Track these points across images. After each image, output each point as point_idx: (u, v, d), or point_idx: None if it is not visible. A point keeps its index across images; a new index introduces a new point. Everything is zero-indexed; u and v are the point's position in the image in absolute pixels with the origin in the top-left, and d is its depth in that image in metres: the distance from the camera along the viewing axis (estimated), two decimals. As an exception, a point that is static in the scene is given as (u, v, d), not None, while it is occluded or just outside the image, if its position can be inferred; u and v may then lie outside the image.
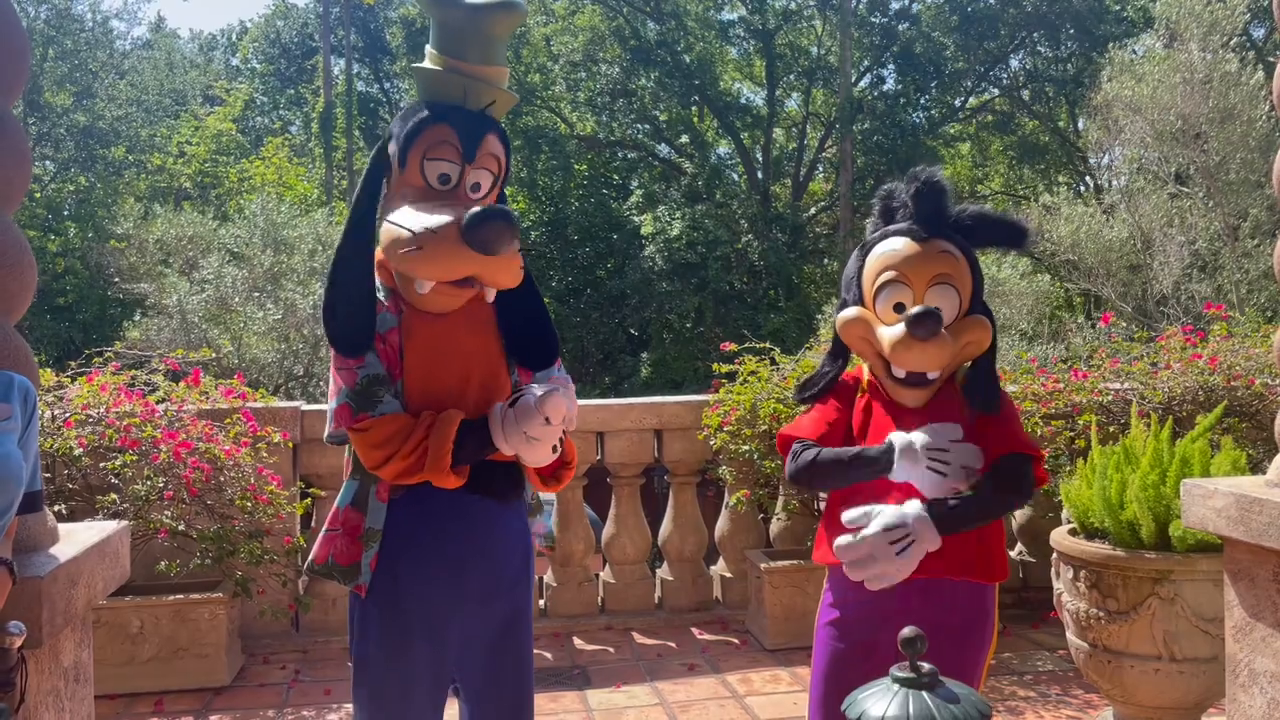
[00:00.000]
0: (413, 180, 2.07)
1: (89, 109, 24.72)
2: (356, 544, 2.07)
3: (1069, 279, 15.94)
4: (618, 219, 23.39)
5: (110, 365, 4.60)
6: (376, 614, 2.09)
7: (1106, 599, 3.30)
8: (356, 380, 2.00)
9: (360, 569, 2.06)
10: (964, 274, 2.22)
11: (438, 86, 2.11)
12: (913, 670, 1.20)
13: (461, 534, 2.11)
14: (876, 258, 2.25)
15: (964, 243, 2.25)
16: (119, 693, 4.17)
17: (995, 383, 2.22)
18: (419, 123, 2.06)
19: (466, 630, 2.15)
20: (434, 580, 2.10)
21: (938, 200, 2.24)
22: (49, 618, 1.88)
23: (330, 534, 2.11)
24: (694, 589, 5.26)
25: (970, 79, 26.39)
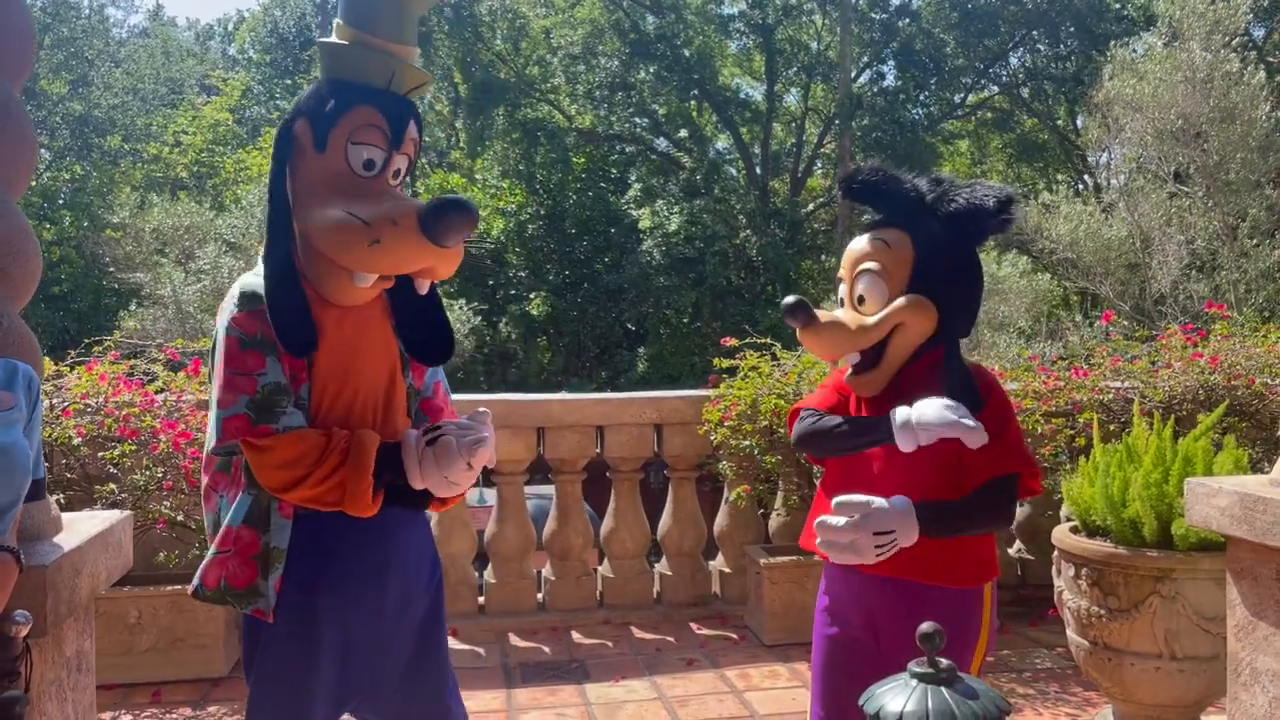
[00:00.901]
0: (334, 164, 1.91)
1: (85, 97, 24.64)
2: (250, 564, 1.90)
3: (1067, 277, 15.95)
4: (616, 213, 23.36)
5: (109, 355, 4.58)
6: (283, 636, 1.95)
7: (1108, 597, 3.30)
8: (257, 388, 1.83)
9: (258, 591, 1.90)
10: (895, 260, 2.14)
11: (359, 65, 1.94)
12: (931, 665, 1.19)
13: (378, 545, 2.01)
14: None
15: (929, 228, 2.15)
16: (117, 683, 4.16)
17: (969, 381, 2.10)
18: (342, 103, 1.91)
19: (379, 648, 2.05)
20: (355, 596, 1.99)
21: (875, 192, 2.20)
22: (53, 607, 1.87)
23: (221, 556, 1.91)
24: (693, 584, 5.26)
25: (970, 76, 26.38)
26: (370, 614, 2.01)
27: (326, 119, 1.91)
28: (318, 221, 1.87)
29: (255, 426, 1.83)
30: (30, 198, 22.45)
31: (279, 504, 1.91)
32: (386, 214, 1.82)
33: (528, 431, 5.07)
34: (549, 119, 25.07)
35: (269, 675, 1.98)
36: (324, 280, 1.91)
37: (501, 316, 22.80)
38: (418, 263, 1.88)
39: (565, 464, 5.16)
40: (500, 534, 5.08)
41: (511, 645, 4.81)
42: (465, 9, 24.95)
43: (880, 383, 2.18)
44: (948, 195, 2.15)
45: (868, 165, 2.26)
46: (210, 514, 2.00)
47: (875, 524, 1.99)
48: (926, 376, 2.13)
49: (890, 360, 2.15)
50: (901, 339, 2.14)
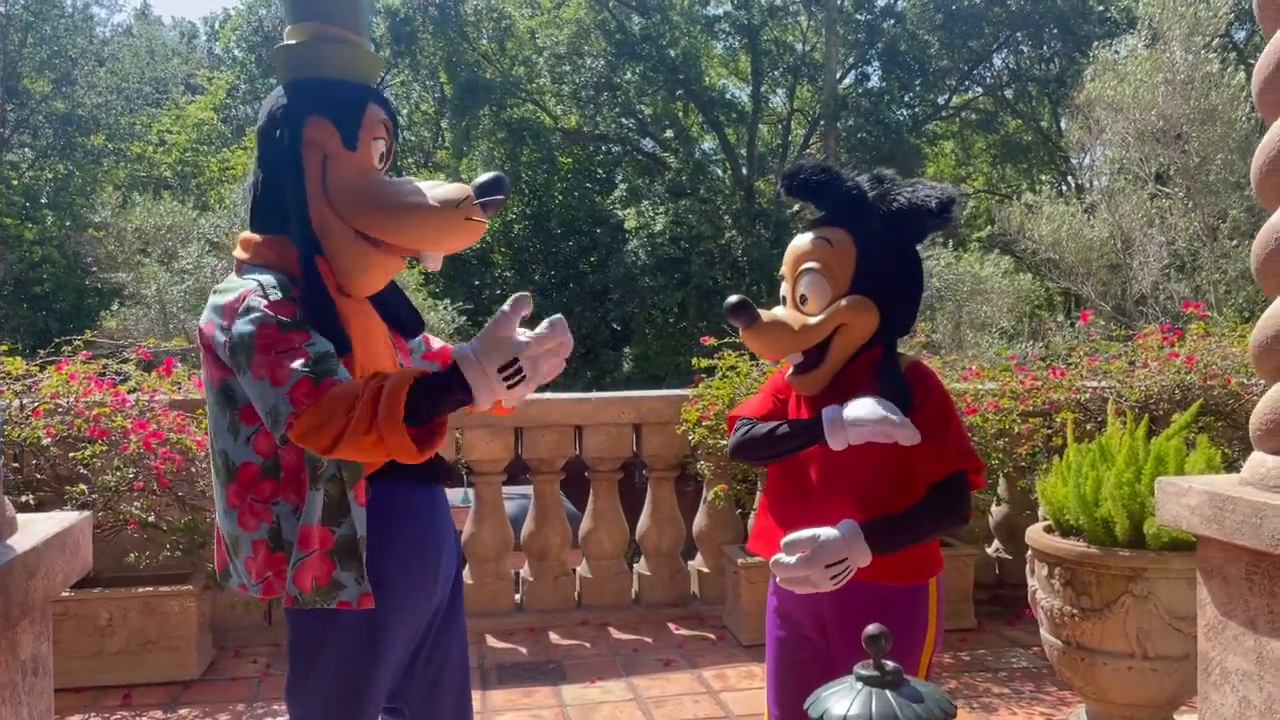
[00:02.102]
0: (366, 161, 1.96)
1: (68, 96, 24.50)
2: (326, 560, 1.87)
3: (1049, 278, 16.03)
4: (601, 213, 23.35)
5: (81, 354, 4.54)
6: (346, 633, 1.92)
7: (1080, 596, 3.30)
8: (309, 357, 1.77)
9: (339, 584, 1.87)
10: (837, 259, 2.12)
11: (352, 63, 1.99)
12: (876, 668, 1.17)
13: (433, 525, 2.04)
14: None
15: (871, 226, 2.14)
16: (87, 685, 4.12)
17: (902, 380, 2.09)
18: (361, 101, 1.96)
19: (423, 627, 2.06)
20: (417, 582, 2.01)
21: (817, 189, 2.19)
22: (4, 610, 1.84)
23: (311, 557, 1.86)
24: (671, 584, 5.24)
25: (954, 77, 26.49)
26: (425, 598, 2.03)
27: (353, 118, 1.94)
28: (402, 210, 1.90)
29: (319, 385, 1.74)
30: (12, 197, 22.33)
31: (354, 492, 1.88)
32: (460, 194, 1.92)
33: (506, 431, 5.05)
34: (534, 119, 25.04)
35: (331, 674, 1.94)
36: (371, 271, 1.95)
37: (487, 317, 22.73)
38: (475, 238, 1.99)
39: (543, 464, 5.14)
40: (477, 534, 5.06)
41: (488, 646, 4.78)
42: (451, 9, 24.90)
43: (821, 382, 2.17)
44: (889, 194, 2.14)
45: (810, 162, 2.24)
46: (263, 525, 1.90)
47: (826, 557, 1.99)
48: (866, 375, 2.13)
49: (832, 360, 2.15)
50: (844, 339, 2.13)
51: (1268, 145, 2.37)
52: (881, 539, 2.03)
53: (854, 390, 2.10)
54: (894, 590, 2.12)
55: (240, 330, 1.80)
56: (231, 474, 1.91)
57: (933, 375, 2.18)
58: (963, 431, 2.13)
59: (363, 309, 2.02)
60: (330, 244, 1.92)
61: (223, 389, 1.90)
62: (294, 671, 1.99)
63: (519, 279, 23.02)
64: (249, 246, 1.97)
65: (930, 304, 14.00)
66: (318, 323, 1.85)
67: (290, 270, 1.91)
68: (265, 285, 1.85)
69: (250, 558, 1.92)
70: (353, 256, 1.94)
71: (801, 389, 2.22)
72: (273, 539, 1.90)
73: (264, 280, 1.87)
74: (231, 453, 1.90)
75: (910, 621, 2.13)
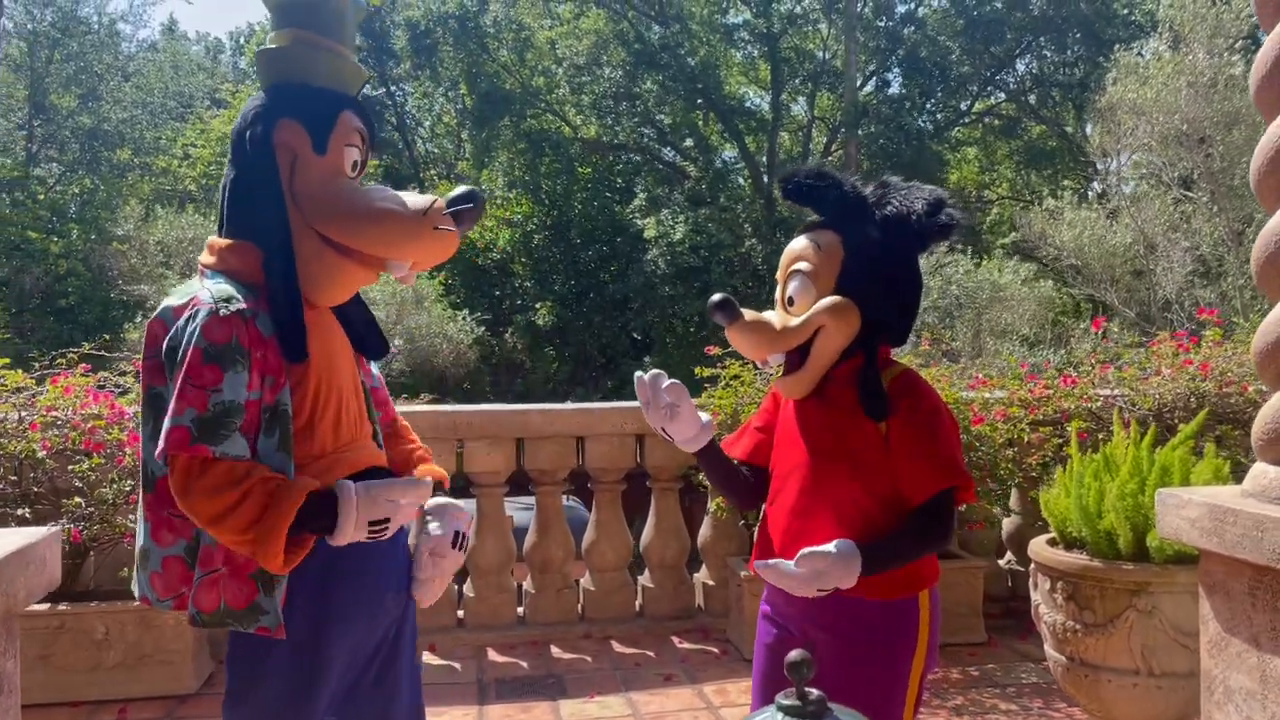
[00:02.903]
0: (335, 165, 1.92)
1: (94, 111, 24.79)
2: (248, 582, 1.82)
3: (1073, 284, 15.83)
4: (621, 222, 23.32)
5: (79, 366, 4.53)
6: (287, 656, 1.88)
7: (1083, 611, 3.21)
8: (207, 404, 1.72)
9: (260, 609, 1.81)
10: (824, 262, 2.12)
11: (331, 70, 1.97)
12: (799, 698, 1.11)
13: (384, 554, 1.99)
14: None
15: (863, 231, 2.13)
16: (83, 700, 4.10)
17: (876, 390, 2.07)
18: (333, 107, 1.94)
19: (366, 653, 2.01)
20: (367, 610, 1.97)
21: (813, 194, 2.18)
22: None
23: (212, 576, 1.82)
24: (675, 596, 5.17)
25: (976, 83, 26.28)
26: (371, 629, 1.99)
27: (325, 122, 1.92)
28: (365, 218, 1.88)
29: (191, 445, 1.72)
30: (39, 211, 22.59)
31: None
32: (427, 203, 1.90)
33: (507, 442, 5.00)
34: (554, 129, 25.08)
35: (271, 696, 1.90)
36: (337, 279, 1.92)
37: (508, 327, 22.77)
38: (448, 250, 1.97)
39: (545, 475, 5.09)
40: (479, 547, 5.01)
41: (489, 660, 4.73)
42: (470, 21, 25.00)
43: (806, 385, 2.15)
44: (884, 199, 2.13)
45: (807, 167, 2.23)
46: (181, 542, 1.86)
47: (823, 582, 1.95)
48: (849, 380, 2.11)
49: (813, 363, 2.12)
50: (824, 342, 2.11)
51: (1265, 146, 2.29)
52: (874, 564, 1.99)
53: (837, 396, 2.12)
54: (884, 604, 2.08)
55: (176, 340, 1.79)
56: (151, 485, 1.87)
57: (923, 384, 2.13)
58: (953, 446, 2.08)
59: (325, 319, 1.98)
60: (296, 249, 1.89)
61: (152, 396, 1.86)
62: (232, 689, 1.95)
63: (539, 289, 23.02)
64: (214, 251, 1.93)
65: (949, 311, 13.84)
66: (280, 327, 1.82)
67: (253, 278, 1.87)
68: (218, 297, 1.80)
69: (158, 573, 1.87)
70: (317, 263, 1.90)
71: (787, 392, 2.22)
72: (189, 555, 1.86)
73: (218, 290, 1.82)
74: (152, 464, 1.87)
75: (897, 635, 2.09)
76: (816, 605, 2.06)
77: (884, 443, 2.06)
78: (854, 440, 2.07)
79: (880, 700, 2.03)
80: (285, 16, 2.00)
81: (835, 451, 2.08)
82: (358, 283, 2.00)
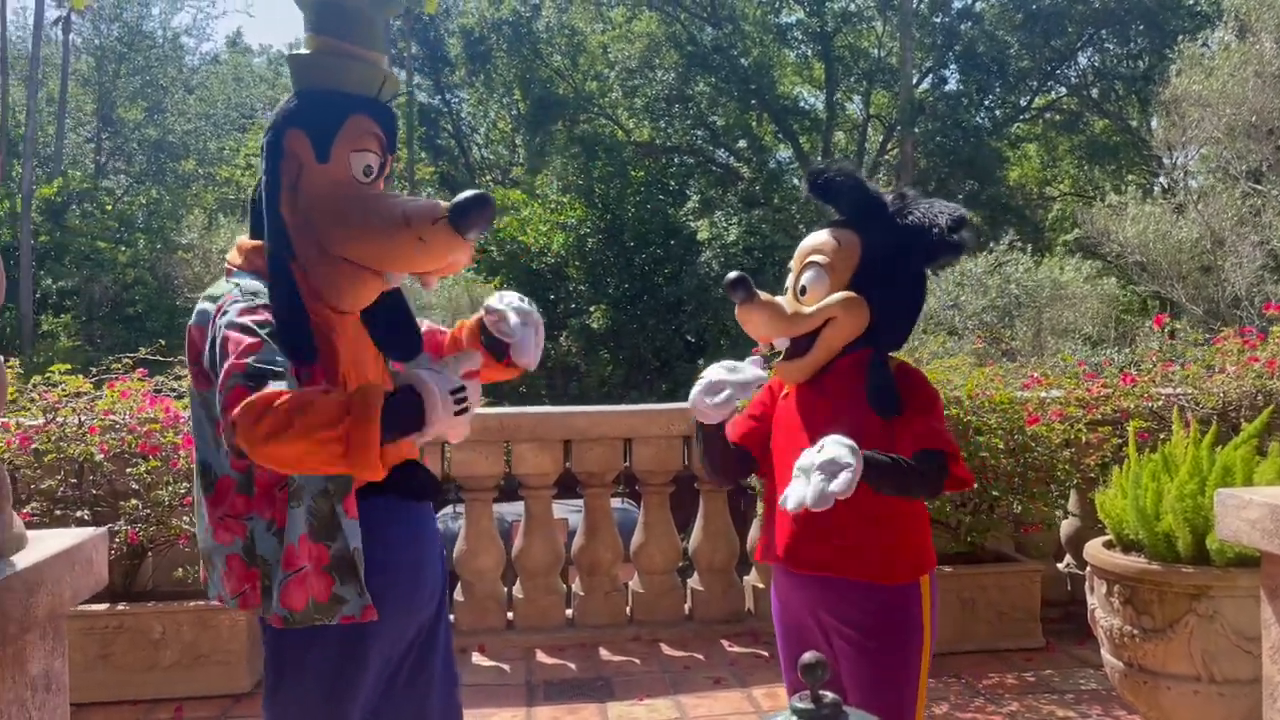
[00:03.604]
0: (338, 173, 1.91)
1: (160, 123, 25.45)
2: (324, 575, 1.83)
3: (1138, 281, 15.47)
4: (674, 225, 23.29)
5: (137, 371, 4.63)
6: (326, 649, 1.89)
7: (1141, 616, 3.11)
8: (248, 364, 1.67)
9: (340, 599, 1.83)
10: (842, 259, 2.21)
11: (347, 74, 1.96)
12: (813, 701, 1.08)
13: (418, 541, 2.01)
14: None
15: (882, 236, 2.22)
16: (141, 698, 4.18)
17: (888, 384, 2.15)
18: (340, 112, 1.92)
19: (405, 645, 2.03)
20: (404, 595, 1.98)
21: (839, 193, 2.26)
22: (1, 626, 1.84)
23: (298, 575, 1.82)
24: (724, 600, 5.13)
25: (1036, 78, 25.86)
26: (408, 615, 2.00)
27: (328, 130, 1.91)
28: (350, 227, 1.86)
29: (255, 391, 1.64)
30: (107, 221, 23.22)
31: (342, 505, 1.84)
32: (421, 213, 1.84)
33: (555, 445, 5.01)
34: (607, 133, 25.16)
35: (310, 689, 1.90)
36: (341, 286, 1.89)
37: (562, 330, 22.86)
38: (449, 257, 1.89)
39: (593, 477, 5.08)
40: (527, 549, 5.02)
41: (537, 662, 4.74)
42: (524, 26, 25.20)
43: (807, 371, 2.24)
44: (905, 209, 2.23)
45: (837, 166, 2.30)
46: (237, 540, 1.87)
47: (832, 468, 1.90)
48: (851, 374, 2.21)
49: (819, 351, 2.21)
50: (832, 333, 2.20)
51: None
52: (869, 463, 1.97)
53: (837, 386, 2.21)
54: (886, 588, 2.16)
55: (214, 334, 1.79)
56: (210, 487, 1.90)
57: (919, 375, 2.25)
58: (942, 424, 2.18)
59: (350, 327, 1.98)
60: (303, 256, 1.90)
61: (204, 399, 1.88)
62: (272, 682, 1.96)
63: (593, 292, 23.09)
64: (242, 251, 1.97)
65: (1009, 310, 13.60)
66: (283, 328, 1.78)
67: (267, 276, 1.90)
68: (247, 291, 1.83)
69: (226, 572, 1.90)
70: (323, 270, 1.90)
71: (787, 377, 2.30)
72: (246, 554, 1.87)
73: (248, 285, 1.86)
74: (214, 465, 1.89)
75: (901, 619, 2.17)
76: (824, 590, 2.16)
77: (884, 433, 2.14)
78: (856, 430, 2.08)
79: (895, 699, 2.11)
80: (312, 21, 2.02)
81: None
82: (366, 288, 1.93)
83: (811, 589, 2.20)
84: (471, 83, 27.84)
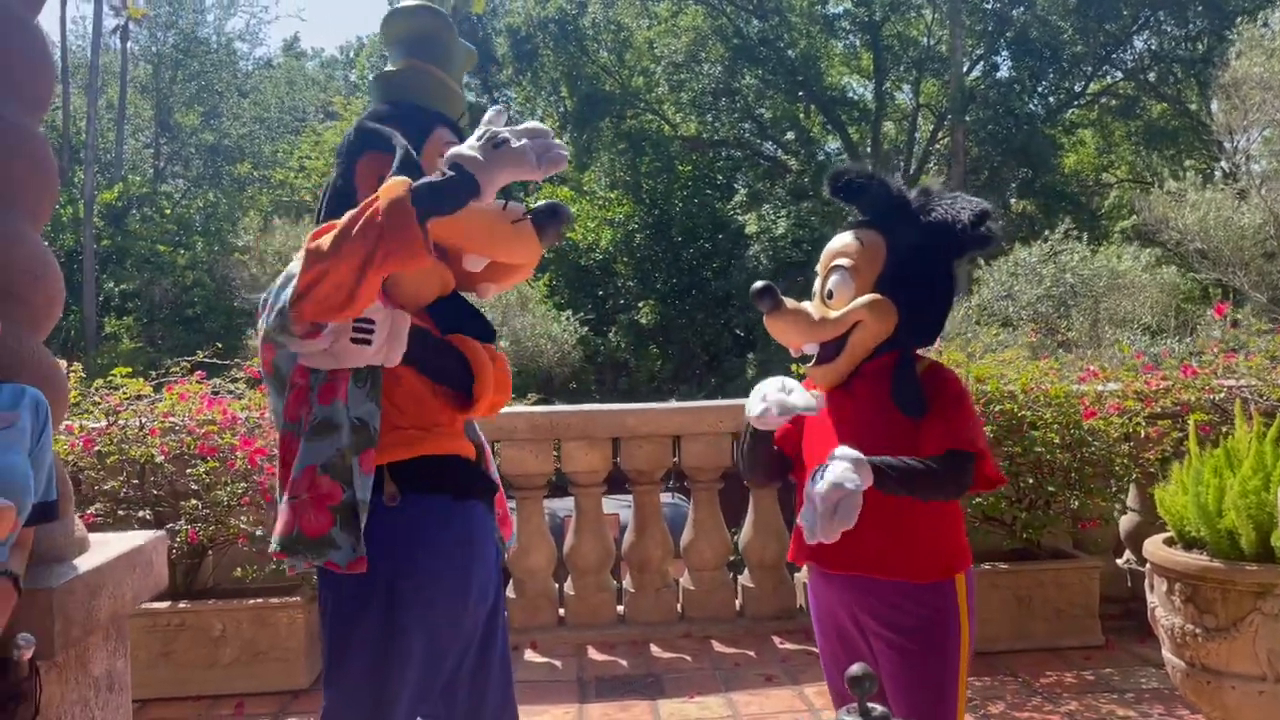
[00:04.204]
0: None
1: (215, 128, 25.92)
2: (326, 514, 1.84)
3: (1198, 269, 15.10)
4: (722, 219, 23.23)
5: (195, 374, 4.72)
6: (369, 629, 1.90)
7: (1204, 614, 3.04)
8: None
9: (332, 542, 1.83)
10: (866, 260, 2.20)
11: (431, 91, 2.11)
12: (862, 714, 1.07)
13: (469, 540, 2.03)
14: None
15: (906, 234, 2.20)
16: (202, 694, 4.27)
17: (914, 384, 2.14)
18: (426, 126, 2.06)
19: (461, 639, 2.04)
20: (450, 589, 1.99)
21: (861, 193, 2.26)
22: (62, 629, 1.90)
23: (295, 501, 1.85)
24: (775, 596, 5.10)
25: (1090, 63, 25.33)
26: (455, 612, 2.01)
27: (415, 142, 2.01)
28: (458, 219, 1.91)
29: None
30: (166, 225, 23.72)
31: (359, 459, 1.87)
32: (513, 207, 1.95)
33: (603, 442, 5.02)
34: (653, 128, 25.13)
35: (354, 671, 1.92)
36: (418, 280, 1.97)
37: (611, 326, 22.91)
38: (525, 254, 2.01)
39: (642, 474, 5.08)
40: (578, 546, 5.04)
41: (589, 659, 4.76)
42: (570, 24, 25.25)
43: (839, 375, 2.23)
44: (928, 205, 2.21)
45: (857, 166, 2.32)
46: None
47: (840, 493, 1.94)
48: (880, 376, 2.19)
49: (849, 355, 2.20)
50: (860, 336, 2.19)
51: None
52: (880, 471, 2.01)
53: (868, 389, 2.19)
54: (921, 587, 2.15)
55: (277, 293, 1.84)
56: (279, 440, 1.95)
57: (948, 374, 2.22)
58: (970, 420, 2.15)
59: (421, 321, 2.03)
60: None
61: (274, 371, 1.96)
62: (326, 669, 1.98)
63: (641, 288, 23.11)
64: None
65: (1064, 300, 13.35)
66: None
67: None
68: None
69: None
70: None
71: (818, 380, 2.29)
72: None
73: None
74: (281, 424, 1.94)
75: (938, 618, 2.15)
76: (858, 591, 2.16)
77: (914, 435, 2.12)
78: (885, 432, 2.13)
79: (935, 700, 2.12)
80: (402, 49, 2.18)
81: (867, 443, 2.10)
82: (434, 284, 2.04)
83: (845, 589, 2.20)
84: (519, 81, 27.96)
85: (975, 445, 2.11)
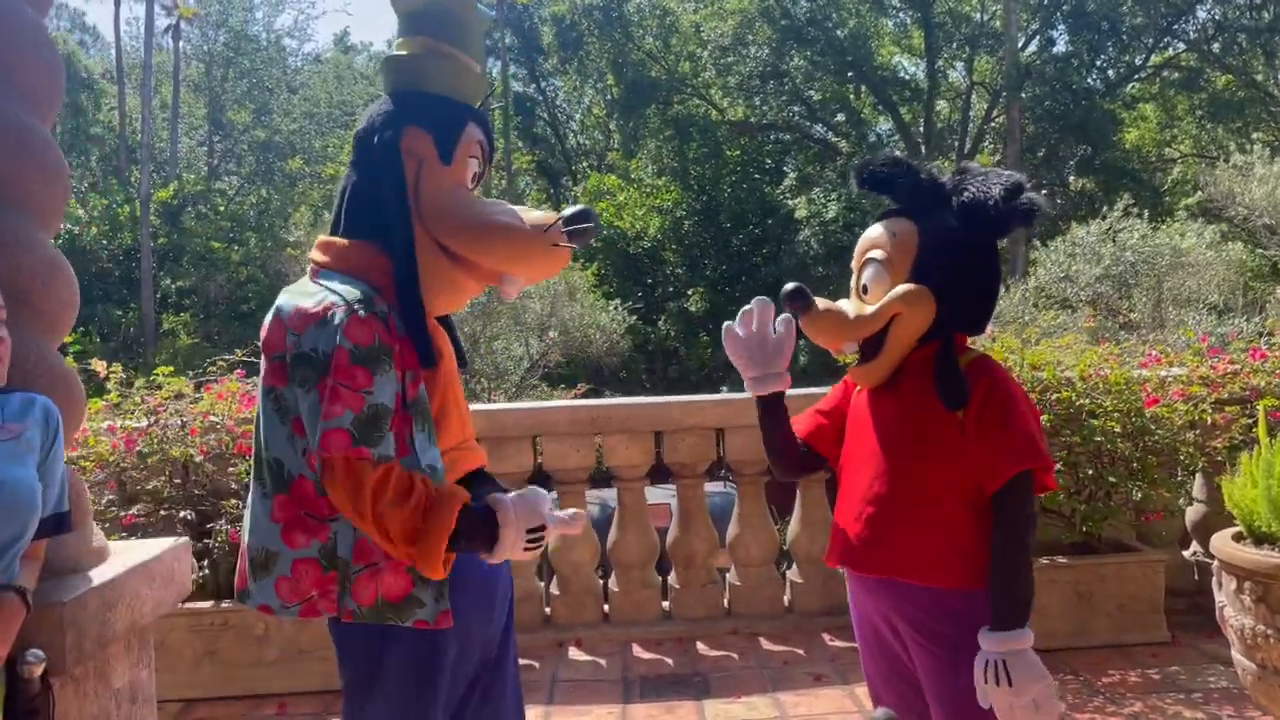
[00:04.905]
0: (458, 177, 1.93)
1: (267, 124, 26.24)
2: (404, 575, 1.80)
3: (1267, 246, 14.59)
4: (771, 203, 22.96)
5: (236, 372, 4.72)
6: (412, 653, 1.85)
7: (1276, 615, 2.86)
8: (363, 406, 1.72)
9: (417, 601, 1.80)
10: (899, 251, 2.10)
11: (453, 81, 1.97)
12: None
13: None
14: None
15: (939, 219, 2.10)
16: (246, 694, 4.27)
17: (954, 374, 2.03)
18: (461, 118, 1.94)
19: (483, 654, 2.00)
20: (483, 605, 1.96)
21: (889, 182, 2.17)
22: (75, 643, 1.85)
23: (369, 570, 1.80)
24: (825, 592, 4.97)
25: (1151, 34, 24.62)
26: (485, 627, 1.98)
27: (452, 133, 1.92)
28: (483, 230, 1.88)
29: (355, 446, 1.71)
30: (220, 222, 24.08)
31: None
32: (544, 222, 1.90)
33: (645, 436, 4.92)
34: (700, 113, 24.92)
35: (392, 696, 1.87)
36: (443, 288, 1.91)
37: (661, 314, 22.80)
38: (559, 267, 1.99)
39: (685, 468, 4.98)
40: (621, 541, 4.95)
41: (633, 656, 4.67)
42: (614, 10, 25.12)
43: (882, 373, 2.14)
44: (960, 185, 2.11)
45: (883, 155, 2.25)
46: (315, 543, 1.82)
47: (1019, 686, 1.94)
48: (924, 369, 2.09)
49: (889, 351, 2.10)
50: (899, 330, 2.09)
51: None
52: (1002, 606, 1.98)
53: (913, 385, 2.09)
54: (954, 594, 2.05)
55: (313, 345, 1.74)
56: (285, 486, 1.81)
57: (997, 369, 2.10)
58: (1029, 426, 2.03)
59: (437, 329, 1.98)
60: (429, 254, 1.89)
61: (277, 397, 1.82)
62: (351, 702, 1.90)
63: (690, 275, 22.96)
64: (330, 250, 1.90)
65: (1125, 280, 12.94)
66: (411, 333, 1.82)
67: (374, 279, 1.84)
68: (350, 300, 1.76)
69: (286, 578, 1.82)
70: (435, 272, 1.89)
71: (862, 381, 2.21)
72: (325, 557, 1.81)
73: (349, 292, 1.78)
74: (290, 465, 1.81)
75: (975, 627, 2.03)
76: (895, 596, 2.09)
77: (960, 431, 2.03)
78: (929, 428, 2.05)
79: (973, 709, 2.02)
80: (413, 24, 2.00)
81: (910, 440, 2.06)
82: (468, 294, 2.00)
83: (880, 593, 2.14)
84: (565, 69, 27.92)
85: (1039, 458, 2.01)
